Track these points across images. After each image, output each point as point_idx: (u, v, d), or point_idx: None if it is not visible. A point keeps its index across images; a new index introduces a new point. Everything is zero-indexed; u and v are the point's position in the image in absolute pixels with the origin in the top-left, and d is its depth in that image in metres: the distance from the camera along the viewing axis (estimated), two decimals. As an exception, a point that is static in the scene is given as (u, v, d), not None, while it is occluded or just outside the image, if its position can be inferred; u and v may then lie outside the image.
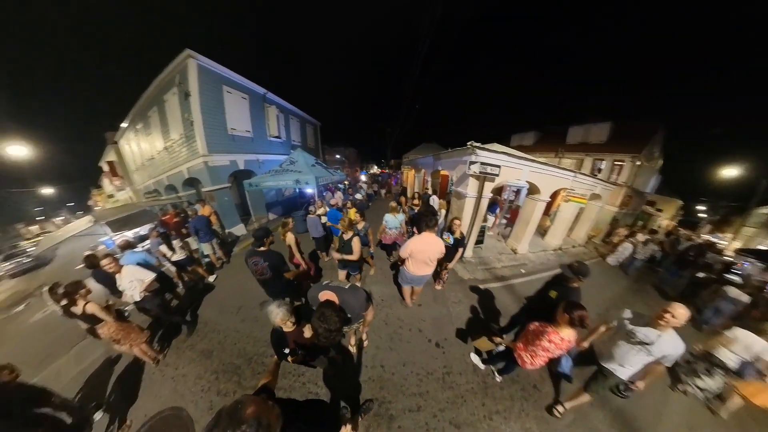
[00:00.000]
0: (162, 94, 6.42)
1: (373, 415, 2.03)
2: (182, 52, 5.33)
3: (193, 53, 5.35)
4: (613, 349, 1.74)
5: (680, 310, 1.50)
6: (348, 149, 28.55)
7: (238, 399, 0.76)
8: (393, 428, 1.94)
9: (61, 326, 3.52)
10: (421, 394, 2.16)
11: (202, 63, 5.57)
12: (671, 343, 1.54)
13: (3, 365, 1.80)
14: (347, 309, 1.67)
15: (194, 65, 5.42)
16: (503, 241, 6.02)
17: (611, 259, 5.57)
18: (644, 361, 1.60)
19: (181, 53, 5.36)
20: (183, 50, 5.30)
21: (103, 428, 2.11)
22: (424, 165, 8.32)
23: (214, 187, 6.36)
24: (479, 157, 3.86)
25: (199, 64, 5.52)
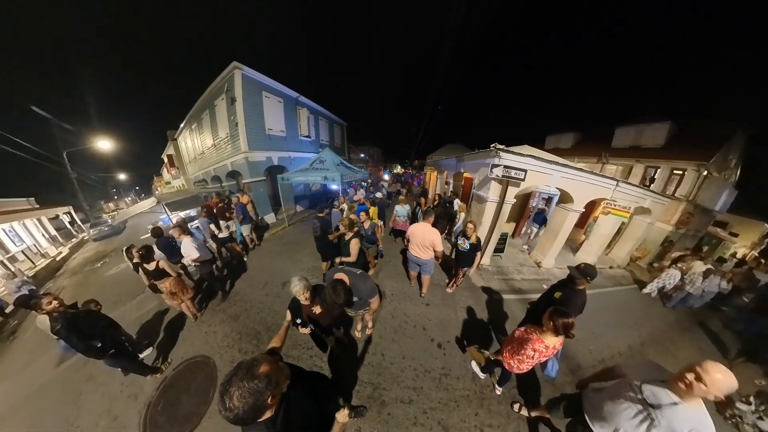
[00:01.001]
0: (213, 100, 7.48)
1: (366, 397, 2.12)
2: (230, 64, 6.15)
3: (239, 65, 6.13)
4: (604, 402, 1.22)
5: (718, 374, 0.96)
6: (372, 149, 28.90)
7: (255, 356, 0.86)
8: (383, 413, 2.02)
9: (128, 281, 4.57)
10: (415, 389, 2.19)
11: (246, 73, 6.33)
12: (690, 419, 1.00)
13: (91, 299, 2.46)
14: (355, 291, 1.79)
15: (239, 75, 6.20)
16: (526, 252, 5.60)
17: (647, 288, 4.38)
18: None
19: (229, 65, 6.17)
20: (231, 62, 6.12)
21: (151, 361, 2.70)
22: (446, 166, 8.05)
23: (252, 180, 7.15)
24: (503, 160, 3.66)
25: (244, 74, 6.28)
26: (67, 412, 2.33)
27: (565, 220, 4.60)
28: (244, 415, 0.74)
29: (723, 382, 0.97)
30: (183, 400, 2.27)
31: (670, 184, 7.90)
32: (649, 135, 8.72)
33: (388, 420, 1.98)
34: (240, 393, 0.74)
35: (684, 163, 7.46)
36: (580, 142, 12.20)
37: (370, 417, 2.00)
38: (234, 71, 6.21)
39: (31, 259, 8.15)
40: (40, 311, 1.93)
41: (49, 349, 3.11)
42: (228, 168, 7.76)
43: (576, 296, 1.91)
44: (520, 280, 4.31)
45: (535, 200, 6.39)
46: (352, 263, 2.71)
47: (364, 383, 2.25)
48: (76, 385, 2.57)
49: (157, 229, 3.94)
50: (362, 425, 1.94)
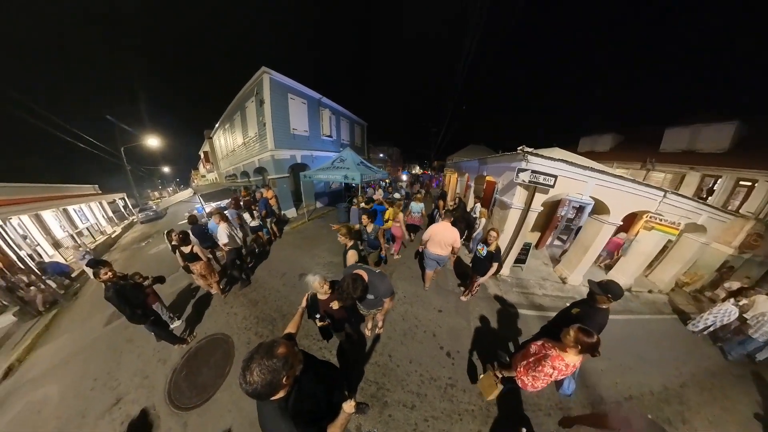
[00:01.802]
0: (244, 102, 8.11)
1: (370, 396, 2.12)
2: (259, 69, 6.59)
3: (267, 70, 6.52)
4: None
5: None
6: (392, 148, 28.95)
7: (275, 339, 0.93)
8: (384, 414, 2.00)
9: (166, 260, 5.20)
10: (419, 395, 2.14)
11: (274, 77, 6.73)
12: None
13: (136, 272, 2.80)
14: (371, 289, 1.79)
15: (268, 79, 6.62)
16: (551, 266, 5.21)
17: (691, 325, 3.62)
18: None
19: (258, 70, 6.63)
20: (260, 68, 6.56)
21: (179, 332, 3.02)
22: (468, 169, 7.63)
23: (277, 176, 7.60)
24: (531, 165, 3.42)
25: (271, 78, 6.69)
26: (110, 365, 2.72)
27: (598, 234, 4.17)
28: (261, 390, 0.81)
29: None
30: (203, 371, 2.48)
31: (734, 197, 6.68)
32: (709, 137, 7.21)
33: (388, 421, 1.96)
34: (260, 369, 0.81)
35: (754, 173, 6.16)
36: (620, 144, 10.66)
37: (371, 415, 2.00)
38: (263, 75, 6.70)
39: (93, 234, 9.62)
40: (98, 279, 2.24)
41: (102, 310, 3.64)
42: (255, 164, 8.34)
43: (596, 315, 1.73)
44: (541, 296, 3.99)
45: (565, 209, 5.87)
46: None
47: (369, 381, 2.26)
48: (119, 344, 2.99)
49: (192, 216, 4.43)
50: (362, 422, 1.95)
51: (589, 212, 4.61)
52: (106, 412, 2.22)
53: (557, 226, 5.83)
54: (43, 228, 7.62)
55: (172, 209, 15.01)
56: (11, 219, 6.40)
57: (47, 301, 4.33)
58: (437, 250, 3.10)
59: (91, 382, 2.55)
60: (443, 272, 4.14)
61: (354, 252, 2.40)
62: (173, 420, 2.08)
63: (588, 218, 4.62)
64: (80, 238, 8.71)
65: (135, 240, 8.74)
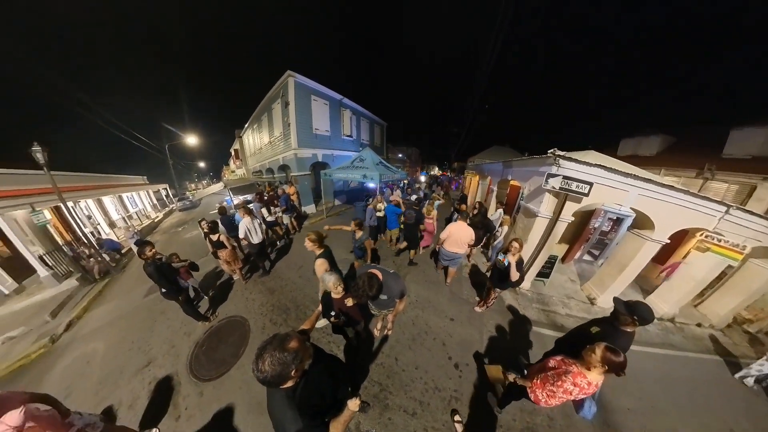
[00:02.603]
0: (271, 104, 8.72)
1: (372, 396, 2.10)
2: (285, 73, 7.05)
3: (292, 73, 6.93)
4: None
5: None
6: (410, 149, 28.52)
7: (288, 333, 0.95)
8: (384, 416, 1.97)
9: (198, 244, 5.79)
10: (421, 403, 2.08)
11: (298, 80, 7.12)
12: None
13: (173, 253, 3.10)
14: (385, 288, 1.77)
15: (292, 82, 7.02)
16: (578, 283, 4.67)
17: (742, 373, 2.93)
18: None
19: (284, 74, 7.08)
20: (285, 71, 7.01)
21: (204, 310, 3.30)
22: (490, 172, 7.21)
23: (299, 173, 7.98)
24: (562, 169, 3.06)
25: (296, 81, 7.07)
26: (145, 332, 3.09)
27: (638, 252, 3.63)
28: (270, 379, 0.86)
29: None
30: (221, 348, 2.68)
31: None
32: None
33: (387, 424, 1.93)
34: (271, 360, 0.85)
35: None
36: (671, 147, 8.94)
37: (371, 415, 1.98)
38: (288, 79, 7.12)
39: (140, 218, 11.10)
40: (142, 257, 2.52)
41: (142, 284, 4.17)
42: (280, 162, 8.84)
43: (618, 337, 1.54)
44: (564, 315, 3.61)
45: (599, 221, 5.30)
46: None
47: (372, 381, 2.24)
48: (154, 315, 3.37)
49: (222, 207, 4.83)
50: (362, 420, 1.95)
51: (629, 226, 4.09)
52: (138, 371, 2.53)
53: (589, 239, 5.30)
54: (102, 210, 8.96)
55: (206, 200, 16.75)
56: (80, 202, 7.59)
57: (102, 271, 5.04)
58: (454, 248, 3.29)
59: (129, 344, 2.93)
60: (458, 280, 4.00)
61: (323, 261, 2.22)
62: (191, 388, 2.29)
63: (626, 232, 4.11)
64: (130, 221, 10.06)
65: (173, 225, 9.83)
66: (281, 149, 8.54)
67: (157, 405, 2.17)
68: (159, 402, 2.20)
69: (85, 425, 1.53)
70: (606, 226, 5.29)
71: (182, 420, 2.04)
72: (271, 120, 9.02)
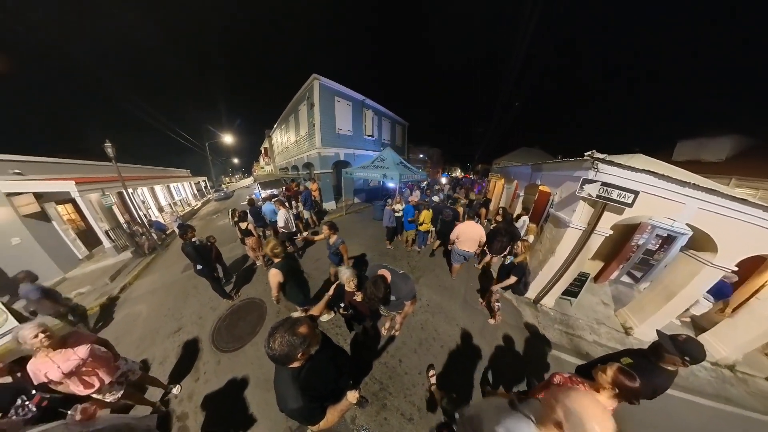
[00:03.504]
0: (297, 105, 9.22)
1: (371, 393, 2.11)
2: (311, 76, 7.46)
3: (317, 76, 7.29)
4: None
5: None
6: (432, 149, 27.78)
7: (300, 317, 1.01)
8: (380, 416, 1.96)
9: (228, 231, 6.26)
10: (419, 409, 2.02)
11: (323, 82, 7.51)
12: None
13: (210, 235, 3.53)
14: (394, 289, 1.79)
15: (317, 85, 7.42)
16: (612, 307, 4.01)
17: None
18: None
19: (310, 77, 7.49)
20: (311, 74, 7.42)
21: (228, 290, 3.60)
22: (517, 175, 6.74)
23: (322, 171, 8.35)
24: (601, 175, 2.68)
25: (321, 83, 7.47)
26: (179, 303, 3.51)
27: (693, 278, 2.95)
28: (278, 358, 0.93)
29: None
30: (240, 325, 2.92)
31: None
32: None
33: (383, 424, 1.91)
34: (280, 341, 0.92)
35: None
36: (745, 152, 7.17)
37: (368, 412, 1.98)
38: (313, 82, 7.51)
39: (183, 205, 12.68)
40: (183, 238, 2.89)
41: (180, 261, 4.71)
42: (304, 160, 9.32)
43: (654, 374, 1.34)
44: (591, 343, 3.15)
45: (644, 237, 4.56)
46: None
47: (374, 378, 2.25)
48: (187, 289, 3.79)
49: (251, 200, 5.28)
50: (358, 415, 1.97)
51: (683, 246, 3.46)
52: (170, 334, 2.90)
53: (630, 257, 4.56)
54: (153, 197, 10.38)
55: (238, 192, 18.21)
56: (137, 189, 8.83)
57: (150, 247, 5.88)
58: (465, 246, 3.40)
59: (165, 311, 3.36)
60: (474, 290, 3.84)
61: (277, 272, 2.02)
62: (211, 355, 2.57)
63: (679, 253, 3.49)
64: (174, 207, 11.58)
65: (209, 213, 11.03)
66: (306, 148, 9.01)
67: (182, 365, 2.48)
68: (184, 363, 2.50)
69: (128, 370, 1.80)
70: (653, 243, 4.51)
71: (200, 382, 2.29)
72: (298, 120, 9.61)
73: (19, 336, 1.39)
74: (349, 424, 1.90)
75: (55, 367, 1.42)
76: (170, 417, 1.99)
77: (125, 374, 1.77)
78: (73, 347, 1.51)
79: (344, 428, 1.87)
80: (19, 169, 5.10)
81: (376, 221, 6.68)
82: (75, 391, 1.51)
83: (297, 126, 9.82)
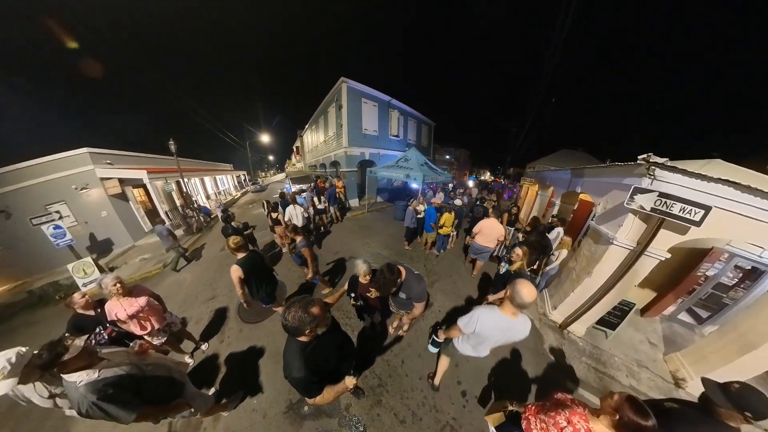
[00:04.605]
0: (327, 107, 9.74)
1: (368, 387, 2.13)
2: (339, 79, 7.87)
3: (345, 79, 7.66)
4: None
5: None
6: (459, 150, 26.23)
7: (316, 299, 1.10)
8: (373, 411, 1.97)
9: (261, 219, 6.92)
10: (414, 414, 1.96)
11: (350, 85, 7.83)
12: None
13: (247, 221, 3.95)
14: (405, 287, 1.77)
15: (345, 87, 7.77)
16: (660, 349, 3.19)
17: None
18: None
19: (338, 80, 7.90)
20: (339, 78, 7.83)
21: None
22: (554, 181, 6.00)
23: (347, 170, 8.71)
24: (660, 183, 2.19)
25: (348, 86, 7.80)
26: (216, 276, 4.02)
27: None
28: (289, 328, 1.03)
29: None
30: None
31: None
32: None
33: (374, 419, 1.91)
34: (293, 315, 1.00)
35: None
36: None
37: (362, 405, 2.00)
38: (341, 84, 7.87)
39: (225, 194, 14.75)
40: (225, 222, 3.29)
41: (219, 241, 5.42)
42: (332, 158, 9.82)
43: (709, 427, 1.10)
44: (626, 387, 2.57)
45: (717, 266, 3.21)
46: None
47: (374, 373, 2.25)
48: (223, 265, 4.32)
49: (282, 193, 5.83)
50: (353, 404, 2.01)
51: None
52: (206, 300, 3.37)
53: (693, 290, 3.48)
54: (203, 186, 12.15)
55: (271, 186, 20.30)
56: (191, 179, 10.40)
57: (198, 227, 6.91)
58: (484, 242, 3.54)
59: (204, 281, 3.90)
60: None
61: (237, 267, 2.04)
62: (235, 323, 2.94)
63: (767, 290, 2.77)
64: (218, 195, 13.49)
65: (246, 202, 12.40)
66: (333, 147, 9.49)
67: (211, 327, 2.89)
68: (213, 326, 2.91)
69: (171, 322, 2.18)
70: (729, 277, 3.24)
71: (224, 345, 2.63)
72: (327, 121, 10.19)
73: (102, 283, 1.80)
74: (342, 410, 1.96)
75: (122, 309, 1.79)
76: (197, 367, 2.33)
77: (169, 325, 2.13)
78: (136, 297, 1.88)
79: (337, 413, 1.94)
80: (109, 160, 6.41)
81: (397, 221, 6.71)
82: (134, 331, 1.88)
83: (326, 126, 10.41)
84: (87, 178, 5.87)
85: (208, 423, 1.89)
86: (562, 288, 3.28)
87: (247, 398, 2.05)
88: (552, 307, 3.30)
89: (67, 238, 4.54)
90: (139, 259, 5.13)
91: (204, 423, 1.88)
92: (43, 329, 3.32)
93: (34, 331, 3.31)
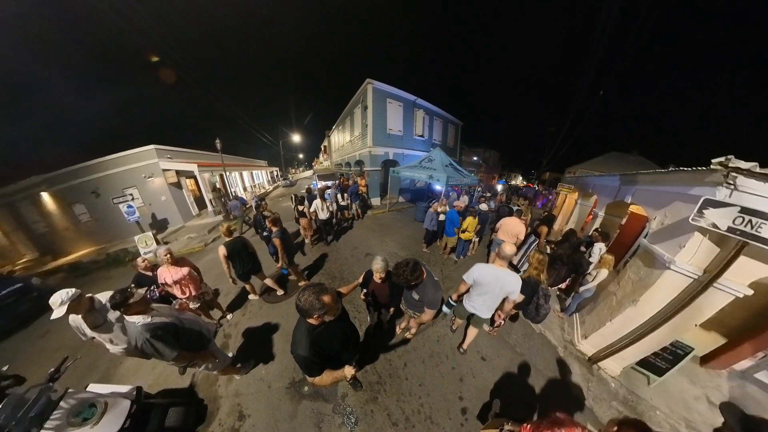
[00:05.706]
0: (353, 108, 9.99)
1: (367, 382, 2.15)
2: (365, 81, 8.06)
3: (371, 80, 7.79)
4: None
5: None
6: (489, 152, 24.22)
7: (330, 288, 1.14)
8: (368, 407, 1.97)
9: (289, 211, 7.27)
10: (408, 420, 1.91)
11: (376, 86, 7.97)
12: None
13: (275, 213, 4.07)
14: (420, 288, 1.74)
15: (371, 88, 7.93)
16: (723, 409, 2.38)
17: None
18: None
19: (364, 81, 8.11)
20: (365, 79, 8.02)
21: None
22: (598, 188, 5.20)
23: (371, 168, 8.90)
24: (741, 195, 1.66)
25: (374, 87, 7.94)
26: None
27: None
28: (300, 309, 1.10)
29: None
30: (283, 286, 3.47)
31: None
32: None
33: (367, 414, 1.92)
34: (306, 298, 1.07)
35: None
36: None
37: (358, 398, 2.02)
38: (367, 86, 8.03)
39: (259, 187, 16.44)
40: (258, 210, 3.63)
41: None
42: (356, 157, 10.11)
43: None
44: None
45: None
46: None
47: (375, 370, 2.25)
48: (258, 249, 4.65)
49: (309, 189, 6.17)
50: (349, 394, 2.04)
51: None
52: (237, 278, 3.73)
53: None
54: (241, 179, 13.71)
55: (300, 181, 22.09)
56: (232, 173, 11.75)
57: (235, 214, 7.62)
58: (503, 237, 3.68)
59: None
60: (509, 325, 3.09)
61: (222, 247, 2.58)
62: (257, 302, 3.29)
63: None
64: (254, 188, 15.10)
65: (277, 196, 13.71)
66: (359, 147, 9.75)
67: (236, 301, 3.30)
68: (238, 300, 3.31)
69: (205, 291, 2.53)
70: None
71: (245, 318, 2.97)
72: (353, 122, 10.51)
73: (157, 252, 2.19)
74: (339, 398, 2.01)
75: (170, 275, 2.17)
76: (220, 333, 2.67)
77: (203, 294, 2.48)
78: (180, 266, 2.25)
79: (333, 399, 2.01)
80: (169, 155, 7.66)
81: (417, 222, 6.64)
82: (177, 294, 2.25)
83: (352, 126, 10.76)
84: (152, 168, 7.20)
85: (222, 382, 2.14)
86: (597, 314, 2.78)
87: (259, 365, 2.28)
88: (582, 335, 2.82)
89: (136, 215, 5.60)
90: (187, 237, 6.04)
91: (219, 381, 2.14)
92: (115, 282, 4.39)
93: (110, 283, 4.26)
